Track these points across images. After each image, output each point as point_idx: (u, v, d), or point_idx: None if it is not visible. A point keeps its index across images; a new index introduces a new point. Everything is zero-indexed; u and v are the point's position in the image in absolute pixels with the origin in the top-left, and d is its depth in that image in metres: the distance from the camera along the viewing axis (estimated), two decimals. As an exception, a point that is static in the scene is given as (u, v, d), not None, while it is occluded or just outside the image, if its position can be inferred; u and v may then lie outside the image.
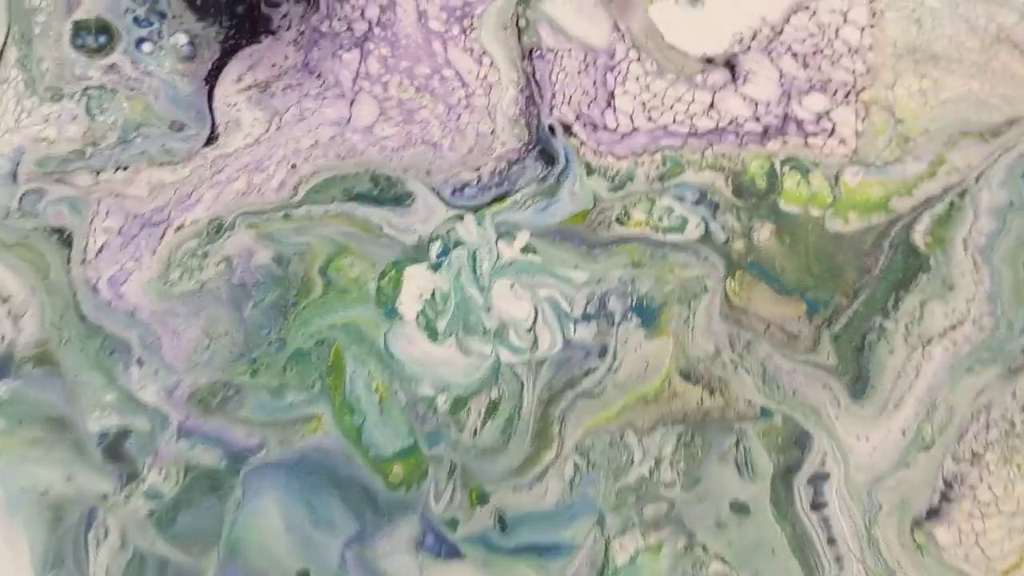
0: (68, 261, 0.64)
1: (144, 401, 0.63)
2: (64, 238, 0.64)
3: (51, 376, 0.62)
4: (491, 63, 0.67)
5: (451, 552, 0.61)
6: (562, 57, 0.67)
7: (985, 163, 0.64)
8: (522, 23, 0.68)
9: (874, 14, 0.68)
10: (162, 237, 0.64)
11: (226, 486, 0.62)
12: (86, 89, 0.66)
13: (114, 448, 0.62)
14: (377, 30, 0.68)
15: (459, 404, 0.63)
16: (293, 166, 0.66)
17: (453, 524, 0.61)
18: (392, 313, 0.64)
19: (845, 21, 0.67)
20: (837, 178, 0.65)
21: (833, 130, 0.66)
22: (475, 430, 0.63)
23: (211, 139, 0.66)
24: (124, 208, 0.65)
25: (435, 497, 0.62)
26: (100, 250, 0.64)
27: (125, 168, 0.66)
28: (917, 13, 0.67)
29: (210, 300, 0.64)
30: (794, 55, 0.67)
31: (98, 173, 0.65)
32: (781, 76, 0.67)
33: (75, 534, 0.60)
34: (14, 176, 0.65)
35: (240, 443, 0.63)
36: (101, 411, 0.62)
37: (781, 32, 0.68)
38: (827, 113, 0.66)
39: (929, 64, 0.67)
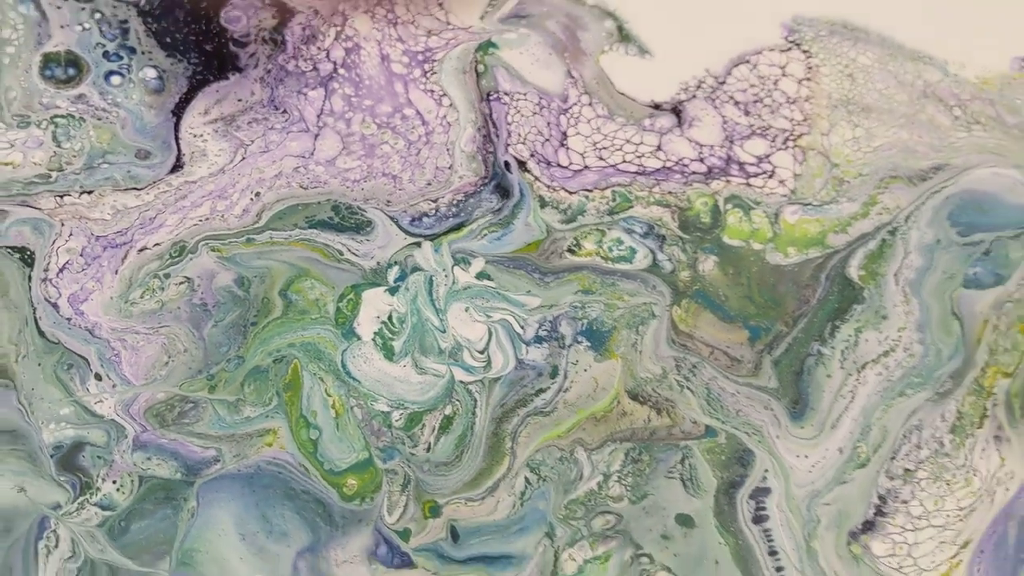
0: (28, 279, 0.65)
1: (100, 414, 0.64)
2: (26, 257, 0.65)
3: (6, 390, 0.63)
4: (450, 104, 0.70)
5: (404, 562, 0.62)
6: (518, 100, 0.70)
7: (913, 205, 0.69)
8: (480, 68, 0.71)
9: (810, 68, 0.72)
10: (124, 258, 0.66)
11: (180, 497, 0.63)
12: (54, 117, 0.68)
13: (68, 460, 0.63)
14: (342, 71, 0.70)
15: (414, 420, 0.65)
16: (257, 194, 0.68)
17: (406, 535, 0.63)
18: (350, 333, 0.66)
19: (784, 74, 0.72)
20: (777, 215, 0.68)
21: (773, 172, 0.69)
22: (429, 445, 0.65)
23: (176, 167, 0.68)
24: (87, 230, 0.66)
25: (388, 509, 0.64)
26: (61, 269, 0.66)
27: (90, 192, 0.67)
28: (850, 69, 0.72)
29: (170, 319, 0.66)
30: (736, 103, 0.71)
31: (62, 196, 0.67)
32: (724, 122, 0.70)
33: (25, 544, 0.61)
34: (-23, 199, 0.66)
35: (196, 456, 0.64)
36: (56, 424, 0.64)
37: (724, 82, 0.71)
38: (767, 156, 0.70)
39: (861, 115, 0.71)
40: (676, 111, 0.71)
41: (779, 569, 0.64)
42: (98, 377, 0.64)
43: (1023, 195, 0.70)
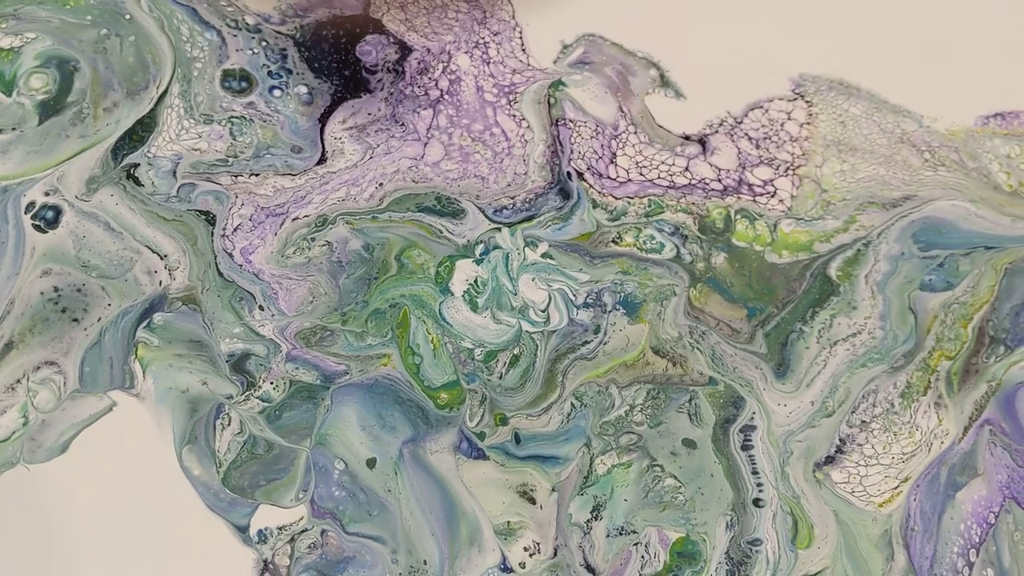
0: (211, 235, 0.73)
1: (262, 334, 0.71)
2: (209, 219, 0.74)
3: (194, 312, 0.71)
4: (528, 126, 0.78)
5: (479, 455, 0.69)
6: (579, 126, 0.78)
7: (884, 224, 0.75)
8: (552, 100, 0.79)
9: (810, 115, 0.79)
10: (281, 224, 0.74)
11: (319, 397, 0.70)
12: (230, 118, 0.76)
13: (239, 365, 0.70)
14: (447, 96, 0.78)
15: (490, 356, 0.72)
16: (380, 184, 0.75)
17: (481, 436, 0.70)
18: (446, 290, 0.73)
19: (789, 118, 0.79)
20: (775, 226, 0.75)
21: (775, 193, 0.77)
22: (501, 374, 0.71)
23: (321, 161, 0.76)
24: (255, 202, 0.74)
25: (470, 417, 0.70)
26: (235, 229, 0.74)
27: (257, 175, 0.75)
28: (843, 117, 0.79)
29: (315, 270, 0.73)
30: (750, 139, 0.79)
31: (237, 176, 0.75)
32: (739, 152, 0.78)
33: (206, 421, 0.69)
34: (174, 173, 0.75)
35: (331, 369, 0.71)
36: (231, 339, 0.71)
37: (741, 122, 0.79)
38: (771, 181, 0.77)
39: (849, 153, 0.78)
40: (702, 142, 0.78)
41: (759, 485, 0.69)
42: (261, 308, 0.71)
43: (974, 223, 0.75)
